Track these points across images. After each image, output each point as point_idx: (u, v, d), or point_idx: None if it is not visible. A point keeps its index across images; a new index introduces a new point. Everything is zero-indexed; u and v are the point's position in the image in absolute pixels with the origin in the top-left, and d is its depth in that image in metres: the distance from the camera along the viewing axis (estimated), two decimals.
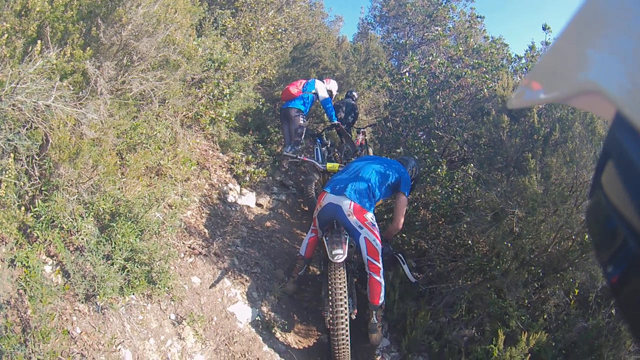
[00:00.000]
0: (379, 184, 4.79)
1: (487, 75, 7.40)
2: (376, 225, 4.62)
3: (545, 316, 4.80)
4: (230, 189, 6.27)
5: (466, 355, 4.50)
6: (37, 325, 2.82)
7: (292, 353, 4.42)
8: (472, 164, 5.99)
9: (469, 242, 5.41)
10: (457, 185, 5.96)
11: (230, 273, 4.81)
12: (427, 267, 5.64)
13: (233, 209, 5.95)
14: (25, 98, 3.08)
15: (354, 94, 9.64)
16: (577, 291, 4.95)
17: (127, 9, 3.98)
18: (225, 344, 4.06)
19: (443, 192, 5.98)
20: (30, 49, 3.39)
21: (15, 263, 3.08)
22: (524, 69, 7.90)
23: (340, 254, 4.24)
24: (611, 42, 0.58)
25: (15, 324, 2.87)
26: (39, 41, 3.41)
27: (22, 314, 2.95)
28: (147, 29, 4.15)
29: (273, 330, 4.56)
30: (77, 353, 3.05)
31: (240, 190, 6.47)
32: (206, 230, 5.17)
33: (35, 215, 3.29)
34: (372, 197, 4.70)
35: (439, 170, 6.04)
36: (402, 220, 4.89)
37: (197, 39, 5.79)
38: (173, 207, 4.58)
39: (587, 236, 4.76)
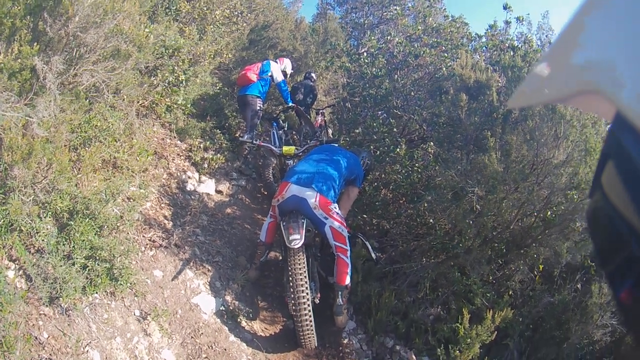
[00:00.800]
0: (341, 177, 4.92)
1: (446, 54, 7.46)
2: (340, 213, 4.72)
3: (510, 292, 4.94)
4: (189, 177, 6.22)
5: (433, 334, 4.63)
6: (2, 334, 2.77)
7: (259, 341, 4.47)
8: (431, 143, 6.06)
9: (431, 220, 5.51)
10: (417, 164, 6.03)
11: (192, 264, 4.81)
12: (390, 247, 5.73)
13: (193, 197, 5.92)
14: None
15: (313, 75, 9.66)
16: (541, 267, 5.09)
17: (73, 0, 3.88)
18: (192, 337, 4.08)
19: (403, 171, 6.06)
20: None
21: None
22: (483, 48, 7.97)
23: (297, 239, 4.28)
24: (611, 42, 0.58)
25: None
26: None
27: None
28: (94, 19, 4.05)
29: (238, 319, 4.60)
30: (46, 359, 3.01)
31: (199, 177, 6.43)
32: (166, 222, 5.14)
33: None
34: (336, 189, 4.82)
35: (398, 149, 6.10)
36: (348, 208, 5.14)
37: (149, 25, 5.68)
38: (132, 200, 4.53)
39: (549, 213, 4.93)
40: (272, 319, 4.95)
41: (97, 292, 3.63)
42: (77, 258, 3.50)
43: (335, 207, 4.67)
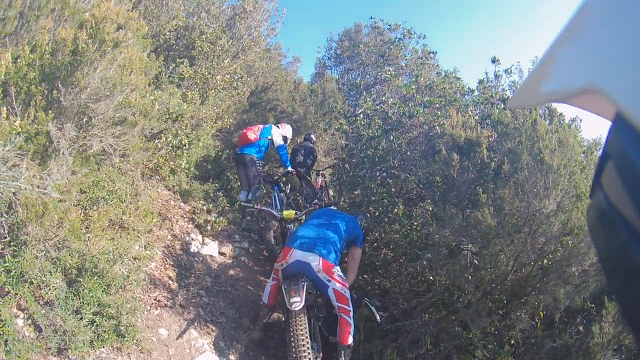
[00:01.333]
0: (341, 240, 5.04)
1: (439, 112, 7.65)
2: (343, 276, 4.79)
3: (512, 342, 4.95)
4: (193, 239, 6.31)
5: None
6: None
7: None
8: (429, 200, 6.18)
9: (430, 277, 5.54)
10: (415, 223, 6.13)
11: (196, 323, 4.83)
12: (391, 306, 5.73)
13: (196, 259, 5.99)
14: None
15: (312, 136, 9.86)
16: (542, 314, 5.10)
17: (85, 73, 4.11)
18: None
19: (402, 230, 6.13)
20: None
21: None
22: (475, 102, 8.16)
23: (297, 302, 4.33)
24: (611, 42, 0.58)
25: None
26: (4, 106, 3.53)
27: None
28: (104, 92, 4.28)
29: None
30: None
31: (203, 239, 6.52)
32: (170, 282, 5.20)
33: (5, 270, 3.33)
34: (337, 252, 4.91)
35: (396, 209, 6.21)
36: (355, 270, 5.19)
37: (153, 92, 5.92)
38: (137, 260, 4.63)
39: (545, 261, 4.99)
40: None
41: (104, 347, 3.68)
42: (85, 313, 3.58)
43: (337, 270, 4.74)
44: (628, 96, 0.53)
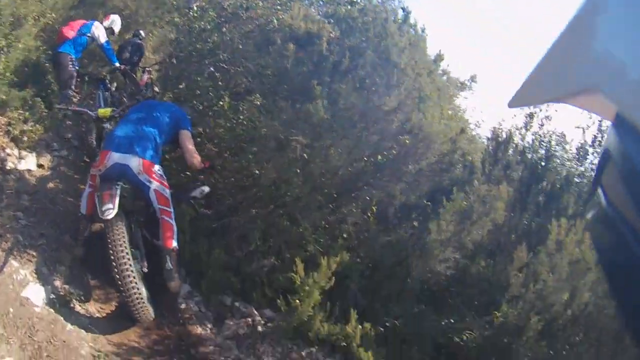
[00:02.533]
0: (162, 133, 4.76)
1: (279, 7, 7.35)
2: (164, 175, 4.61)
3: (345, 236, 5.00)
4: (9, 155, 5.69)
5: (269, 285, 4.64)
6: None
7: (97, 324, 4.30)
8: (257, 94, 5.97)
9: (256, 172, 5.35)
10: (241, 117, 5.92)
11: (15, 252, 4.42)
12: (217, 202, 5.61)
13: (13, 176, 5.43)
14: None
15: (141, 32, 9.48)
16: (374, 209, 5.16)
17: None
18: (29, 336, 3.77)
19: (227, 124, 5.91)
20: None
21: None
22: (320, 2, 7.95)
23: (110, 209, 4.09)
24: (611, 42, 0.58)
25: None
26: None
27: None
28: None
29: (72, 305, 4.35)
30: None
31: (19, 153, 5.89)
32: None
33: None
34: (157, 147, 4.67)
35: (222, 102, 5.96)
36: (194, 151, 4.90)
37: None
38: None
39: (379, 157, 5.06)
40: (106, 296, 4.74)
41: None
42: None
43: (158, 169, 4.56)
44: (628, 96, 0.54)
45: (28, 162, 5.83)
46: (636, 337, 0.60)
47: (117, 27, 8.33)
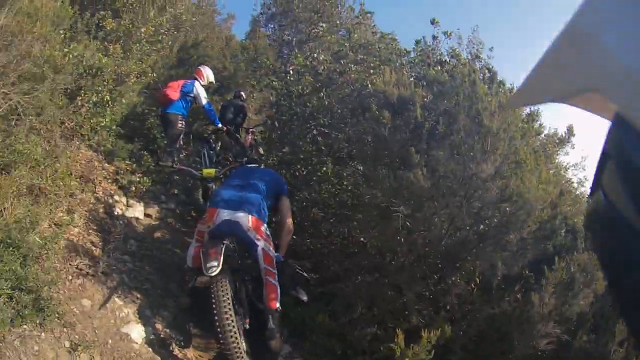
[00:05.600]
0: (264, 198, 4.88)
1: (372, 70, 7.47)
2: (270, 236, 4.71)
3: (448, 307, 4.90)
4: (117, 201, 6.02)
5: (370, 354, 4.58)
6: None
7: None
8: (358, 161, 6.05)
9: (362, 239, 5.45)
10: (345, 182, 6.01)
11: (120, 292, 4.63)
12: (322, 269, 5.66)
13: (120, 222, 5.72)
14: None
15: (242, 93, 9.65)
16: (478, 279, 5.05)
17: None
18: None
19: (332, 190, 6.02)
20: None
21: None
22: (411, 63, 8.05)
23: (214, 266, 4.16)
24: (612, 41, 0.57)
25: None
26: None
27: None
28: (2, 42, 3.86)
29: (171, 348, 4.47)
30: None
31: (127, 201, 6.24)
32: (93, 248, 4.94)
33: None
34: (264, 209, 4.79)
35: (325, 168, 6.07)
36: (291, 222, 5.01)
37: (67, 45, 5.48)
38: (59, 226, 4.32)
39: (481, 226, 5.00)
40: (206, 345, 4.82)
41: (25, 324, 3.42)
42: (2, 289, 3.30)
43: (265, 229, 4.66)
44: (628, 96, 0.53)
45: (136, 211, 6.14)
46: (637, 334, 0.60)
47: (212, 79, 8.45)
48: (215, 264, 4.17)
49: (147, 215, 6.35)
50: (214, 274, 4.14)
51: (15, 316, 3.35)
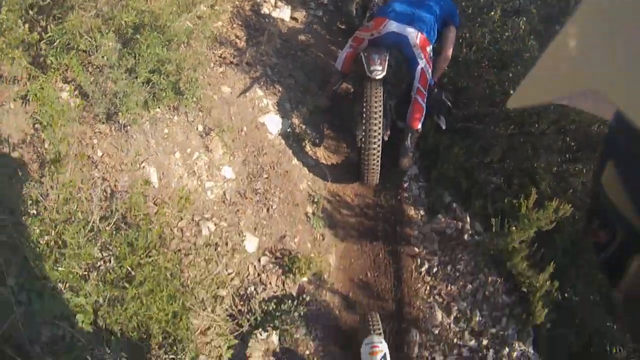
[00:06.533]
0: (436, 20, 4.65)
1: None
2: (432, 59, 4.59)
3: (571, 191, 4.56)
4: (265, 1, 5.89)
5: (492, 201, 4.49)
6: (52, 153, 2.76)
7: (321, 168, 4.55)
8: (524, 19, 5.42)
9: (511, 91, 5.04)
10: (507, 33, 5.46)
11: (262, 82, 4.72)
12: (464, 105, 5.33)
13: (266, 20, 5.65)
14: None
15: None
16: None
17: None
18: (254, 155, 4.14)
19: (490, 37, 5.50)
20: None
21: (28, 97, 2.96)
22: None
23: (379, 70, 4.13)
24: (611, 40, 0.55)
25: (31, 162, 2.85)
26: None
27: (39, 149, 2.93)
28: None
29: (303, 144, 4.62)
30: (98, 177, 3.06)
31: (275, 2, 6.08)
32: (238, 41, 4.99)
33: (48, 42, 3.08)
34: (434, 30, 4.61)
35: (492, 12, 5.51)
36: (450, 53, 4.81)
37: None
38: (203, 18, 4.33)
39: None
40: (336, 148, 4.94)
41: (159, 107, 3.58)
42: (141, 72, 3.36)
43: (430, 50, 4.51)
44: (628, 96, 0.52)
45: (282, 12, 6.01)
46: (636, 333, 0.61)
47: None
48: (380, 68, 4.15)
49: (293, 18, 6.18)
50: (378, 77, 4.15)
51: (150, 98, 3.46)
